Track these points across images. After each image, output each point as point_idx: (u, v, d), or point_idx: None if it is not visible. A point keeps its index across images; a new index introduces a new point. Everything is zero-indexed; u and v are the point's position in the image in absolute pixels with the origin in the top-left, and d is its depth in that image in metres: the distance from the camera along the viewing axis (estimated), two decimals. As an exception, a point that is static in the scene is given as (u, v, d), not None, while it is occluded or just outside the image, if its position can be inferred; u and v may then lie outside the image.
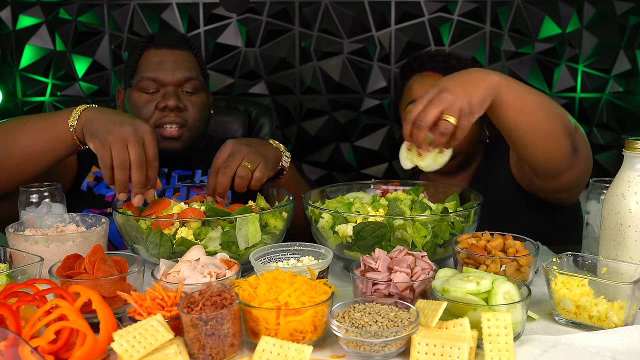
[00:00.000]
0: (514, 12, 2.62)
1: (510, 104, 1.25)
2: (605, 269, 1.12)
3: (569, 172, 1.43)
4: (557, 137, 1.33)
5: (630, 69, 2.66)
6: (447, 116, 1.15)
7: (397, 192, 1.50)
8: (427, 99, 1.19)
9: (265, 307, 0.95)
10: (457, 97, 1.17)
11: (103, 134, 1.31)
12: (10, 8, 2.57)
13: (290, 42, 2.63)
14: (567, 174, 1.44)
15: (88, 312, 0.96)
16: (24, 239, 1.24)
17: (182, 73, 1.75)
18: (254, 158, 1.42)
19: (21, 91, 2.63)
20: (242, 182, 1.40)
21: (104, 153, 1.30)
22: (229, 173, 1.39)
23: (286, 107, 2.69)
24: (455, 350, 0.88)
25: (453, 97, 1.17)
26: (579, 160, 1.42)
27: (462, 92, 1.18)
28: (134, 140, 1.29)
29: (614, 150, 2.72)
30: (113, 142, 1.29)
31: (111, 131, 1.30)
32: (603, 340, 0.98)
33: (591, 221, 1.34)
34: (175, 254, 1.26)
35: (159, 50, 1.77)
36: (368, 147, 2.73)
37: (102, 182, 1.77)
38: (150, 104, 1.73)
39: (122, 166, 1.29)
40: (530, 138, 1.32)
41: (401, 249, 1.15)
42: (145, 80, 1.73)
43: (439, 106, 1.17)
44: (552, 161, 1.38)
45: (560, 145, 1.34)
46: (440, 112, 1.16)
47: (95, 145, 1.32)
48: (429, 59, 1.85)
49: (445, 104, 1.16)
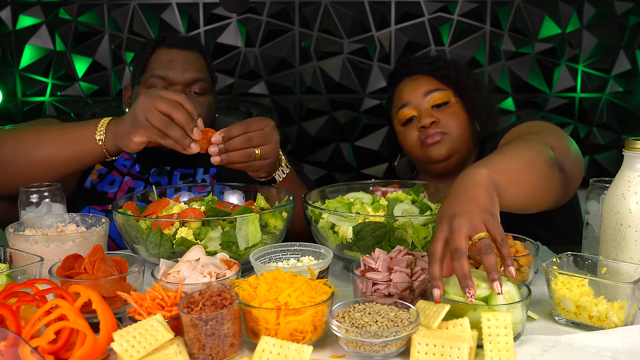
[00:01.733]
0: (514, 12, 2.62)
1: (508, 184, 1.17)
2: (605, 269, 1.12)
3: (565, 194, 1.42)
4: (548, 179, 1.30)
5: (630, 69, 2.66)
6: (477, 235, 1.01)
7: (397, 193, 1.50)
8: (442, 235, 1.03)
9: (265, 307, 0.95)
10: (471, 214, 1.03)
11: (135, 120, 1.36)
12: (10, 8, 2.57)
13: (290, 42, 2.63)
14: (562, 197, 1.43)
15: (88, 312, 0.96)
16: (24, 239, 1.24)
17: (191, 73, 1.75)
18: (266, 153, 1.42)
19: (21, 91, 2.63)
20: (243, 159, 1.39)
21: (151, 130, 1.34)
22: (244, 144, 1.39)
23: (286, 107, 2.69)
24: (455, 350, 0.88)
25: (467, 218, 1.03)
26: (568, 176, 1.40)
27: (470, 207, 1.05)
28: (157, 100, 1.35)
29: (614, 150, 2.72)
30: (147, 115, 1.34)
31: (136, 114, 1.35)
32: (603, 340, 0.98)
33: (591, 221, 1.34)
34: (175, 254, 1.26)
35: (170, 50, 1.78)
36: (368, 147, 2.73)
37: (105, 179, 1.77)
38: None
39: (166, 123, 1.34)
40: (528, 199, 1.27)
41: (401, 249, 1.15)
42: (154, 78, 1.74)
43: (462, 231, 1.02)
44: (549, 202, 1.36)
45: (550, 183, 1.32)
46: (467, 236, 1.01)
47: (140, 133, 1.36)
48: (417, 63, 1.84)
49: (466, 227, 1.02)
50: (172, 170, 1.81)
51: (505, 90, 2.68)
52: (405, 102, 1.78)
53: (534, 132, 1.49)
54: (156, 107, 1.34)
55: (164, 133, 1.34)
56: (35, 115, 2.65)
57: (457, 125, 1.73)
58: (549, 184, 1.32)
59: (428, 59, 1.85)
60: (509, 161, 1.23)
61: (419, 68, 1.82)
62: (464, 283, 0.96)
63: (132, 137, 1.37)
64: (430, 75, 1.80)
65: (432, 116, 1.73)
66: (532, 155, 1.29)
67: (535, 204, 1.33)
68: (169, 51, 1.78)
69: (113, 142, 1.41)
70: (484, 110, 1.79)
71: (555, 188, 1.35)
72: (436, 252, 1.01)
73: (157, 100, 1.35)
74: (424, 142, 1.73)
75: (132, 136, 1.36)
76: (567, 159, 1.41)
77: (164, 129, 1.33)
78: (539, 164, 1.28)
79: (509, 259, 1.00)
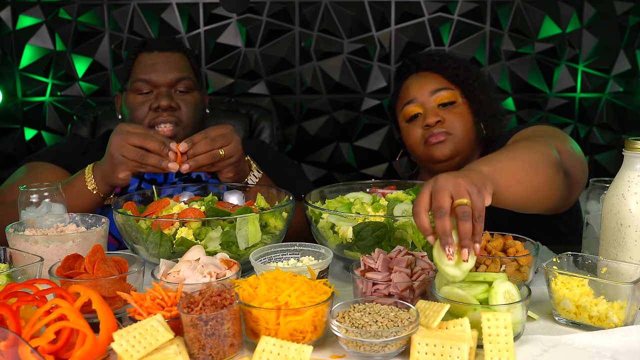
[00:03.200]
0: (514, 12, 2.62)
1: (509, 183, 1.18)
2: (605, 269, 1.12)
3: (568, 198, 1.43)
4: (552, 181, 1.32)
5: (630, 69, 2.66)
6: (460, 200, 1.02)
7: (397, 193, 1.50)
8: (427, 190, 1.06)
9: (265, 307, 0.95)
10: (457, 180, 1.05)
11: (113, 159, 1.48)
12: (10, 8, 2.57)
13: (290, 42, 2.63)
14: (566, 201, 1.44)
15: (88, 312, 0.96)
16: (24, 239, 1.24)
17: (174, 74, 1.80)
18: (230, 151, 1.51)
19: (21, 91, 2.63)
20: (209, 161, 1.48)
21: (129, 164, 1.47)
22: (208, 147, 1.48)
23: (286, 107, 2.69)
24: (455, 350, 0.88)
25: (454, 181, 1.04)
26: (573, 180, 1.42)
27: (460, 177, 1.06)
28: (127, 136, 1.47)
29: (614, 150, 2.72)
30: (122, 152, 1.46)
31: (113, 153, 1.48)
32: (603, 340, 0.98)
33: (591, 221, 1.34)
34: (175, 254, 1.26)
35: (151, 53, 1.83)
36: (368, 147, 2.73)
37: None
38: (145, 105, 1.79)
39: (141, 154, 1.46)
40: (531, 199, 1.29)
41: (401, 249, 1.15)
42: (139, 82, 1.80)
43: (446, 191, 1.03)
44: (551, 204, 1.38)
45: (555, 186, 1.33)
46: (450, 196, 1.03)
47: (122, 169, 1.48)
48: (426, 59, 1.83)
49: (451, 187, 1.04)
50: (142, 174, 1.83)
51: (505, 90, 2.68)
52: (411, 99, 1.77)
53: (540, 135, 1.49)
54: (129, 142, 1.46)
55: (142, 163, 1.46)
56: (36, 115, 2.65)
57: (462, 126, 1.73)
58: (553, 187, 1.32)
59: (438, 56, 1.83)
60: (513, 161, 1.24)
61: (428, 65, 1.81)
62: (444, 240, 1.00)
63: (116, 175, 1.49)
64: (438, 73, 1.78)
65: (437, 115, 1.72)
66: (536, 157, 1.30)
67: (538, 205, 1.34)
68: (151, 55, 1.83)
69: (104, 184, 1.53)
70: (490, 112, 1.78)
71: (559, 191, 1.35)
72: (422, 201, 1.05)
73: (128, 136, 1.46)
74: (427, 141, 1.72)
75: (116, 174, 1.49)
76: (573, 164, 1.41)
77: (140, 160, 1.46)
78: (543, 165, 1.29)
79: (479, 235, 1.02)
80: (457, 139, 1.72)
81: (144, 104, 1.78)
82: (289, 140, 2.71)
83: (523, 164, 1.25)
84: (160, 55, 1.82)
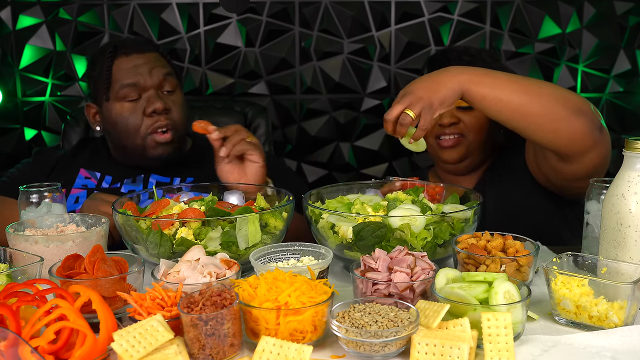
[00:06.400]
0: (514, 12, 2.62)
1: (484, 96, 1.37)
2: (605, 269, 1.12)
3: (594, 151, 1.44)
4: (556, 117, 1.38)
5: (630, 69, 2.66)
6: (408, 110, 1.33)
7: (397, 193, 1.50)
8: (396, 101, 1.37)
9: (265, 307, 0.95)
10: (419, 96, 1.34)
11: None
12: (10, 8, 2.57)
13: (290, 42, 2.63)
14: (591, 154, 1.45)
15: (88, 312, 0.96)
16: (24, 239, 1.24)
17: (159, 71, 1.76)
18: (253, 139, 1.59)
19: (21, 91, 2.63)
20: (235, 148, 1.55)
21: None
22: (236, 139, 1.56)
23: (286, 107, 2.69)
24: (455, 350, 0.88)
25: (415, 97, 1.34)
26: (603, 139, 1.44)
27: (424, 92, 1.34)
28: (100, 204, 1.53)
29: (614, 150, 2.70)
30: None
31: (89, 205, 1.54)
32: (603, 340, 0.98)
33: (591, 221, 1.34)
34: (175, 254, 1.26)
35: (129, 56, 1.76)
36: (368, 147, 2.73)
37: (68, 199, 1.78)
38: (136, 112, 1.74)
39: None
40: (520, 123, 1.40)
41: (401, 249, 1.15)
42: (126, 88, 1.73)
43: (402, 104, 1.34)
44: (564, 141, 1.42)
45: (566, 123, 1.38)
46: (403, 108, 1.33)
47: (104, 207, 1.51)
48: (456, 56, 1.81)
49: (407, 102, 1.34)
50: (147, 177, 1.81)
51: (505, 90, 2.68)
52: None
53: None
54: (101, 210, 1.49)
55: None
56: (36, 115, 2.65)
57: (476, 131, 1.74)
58: (559, 123, 1.39)
59: (468, 55, 1.82)
60: (504, 82, 1.37)
61: (457, 63, 1.78)
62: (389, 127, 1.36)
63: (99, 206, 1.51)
64: None
65: (453, 116, 1.73)
66: (544, 90, 1.39)
67: (533, 132, 1.42)
68: (129, 58, 1.76)
69: None
70: None
71: (575, 135, 1.41)
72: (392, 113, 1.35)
73: (101, 203, 1.51)
74: (439, 142, 1.76)
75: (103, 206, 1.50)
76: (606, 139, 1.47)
77: None
78: (549, 99, 1.38)
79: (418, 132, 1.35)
80: (468, 142, 1.74)
81: (135, 111, 1.74)
82: (289, 140, 2.71)
83: (518, 88, 1.38)
84: (140, 57, 1.77)
